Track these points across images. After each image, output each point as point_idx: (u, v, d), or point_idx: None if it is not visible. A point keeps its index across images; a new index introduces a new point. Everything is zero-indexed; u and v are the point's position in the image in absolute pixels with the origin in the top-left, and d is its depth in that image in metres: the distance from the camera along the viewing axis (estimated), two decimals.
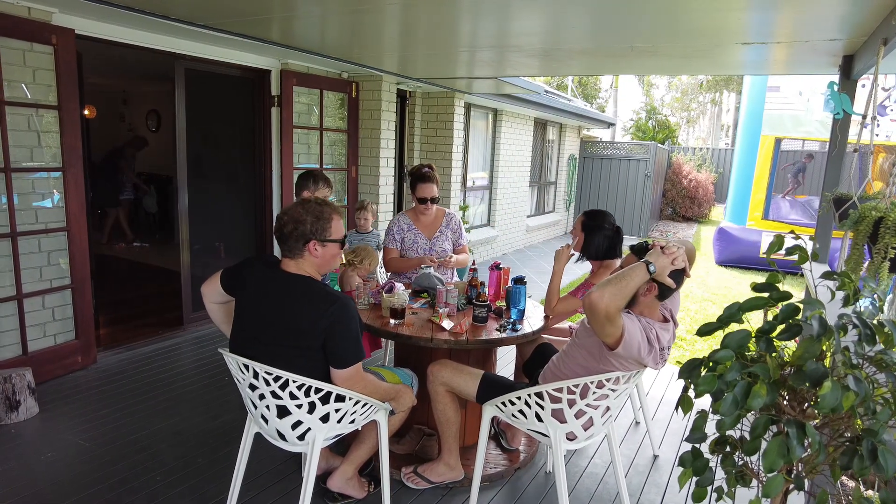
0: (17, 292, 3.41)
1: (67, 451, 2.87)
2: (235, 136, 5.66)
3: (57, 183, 3.59)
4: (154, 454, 2.86)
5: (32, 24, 3.35)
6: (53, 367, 3.59)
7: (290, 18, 3.63)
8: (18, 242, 3.38)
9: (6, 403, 3.06)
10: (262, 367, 1.93)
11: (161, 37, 4.16)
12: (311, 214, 1.98)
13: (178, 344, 4.40)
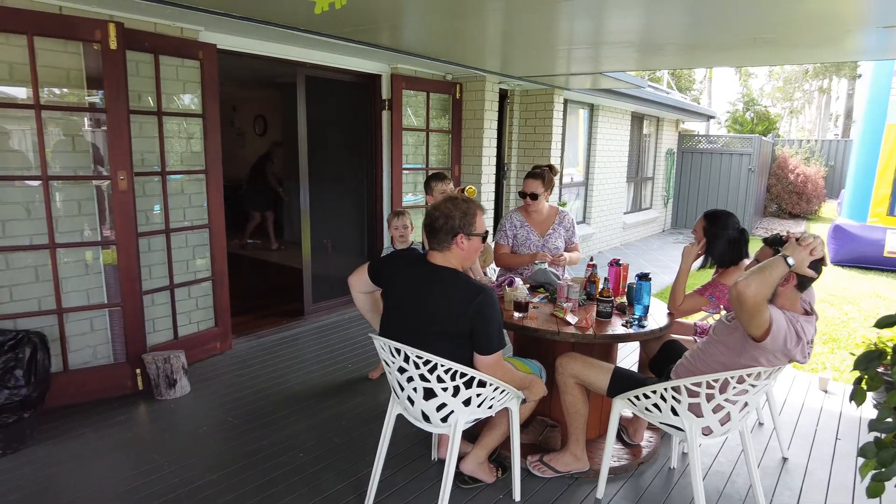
0: (170, 283, 3.80)
1: (218, 426, 3.18)
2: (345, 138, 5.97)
3: (200, 184, 3.96)
4: (293, 433, 3.11)
5: (184, 42, 3.72)
6: (197, 351, 3.96)
7: (399, 24, 3.82)
8: (171, 238, 3.77)
9: (166, 381, 3.43)
10: (414, 351, 2.08)
11: (286, 46, 4.48)
12: (459, 210, 2.11)
13: (300, 333, 4.72)
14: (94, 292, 3.46)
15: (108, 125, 3.24)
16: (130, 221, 3.36)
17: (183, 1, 3.17)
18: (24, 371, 2.78)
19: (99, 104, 3.32)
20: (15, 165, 3.15)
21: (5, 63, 3.05)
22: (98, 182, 3.39)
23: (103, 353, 3.54)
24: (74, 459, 2.84)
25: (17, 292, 3.19)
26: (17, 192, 3.16)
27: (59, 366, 3.28)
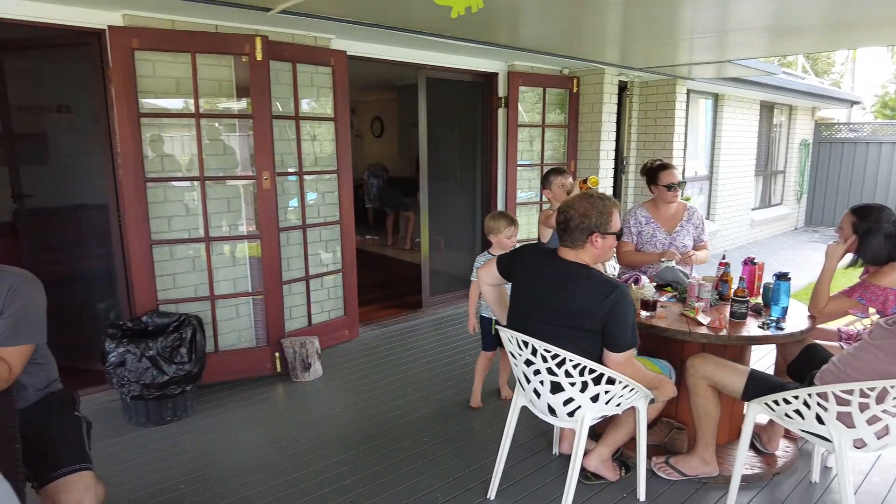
0: (306, 274, 4.12)
1: (349, 408, 3.41)
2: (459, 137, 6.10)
3: (333, 183, 4.24)
4: (418, 419, 3.26)
5: (318, 51, 4.00)
6: (328, 338, 4.25)
7: (518, 23, 3.84)
8: (307, 233, 4.07)
9: (302, 364, 3.72)
10: (542, 345, 2.12)
11: (408, 50, 4.66)
12: (595, 209, 2.12)
13: (418, 325, 4.91)
14: (240, 281, 3.84)
15: (254, 130, 3.57)
16: (273, 218, 3.67)
17: (320, 12, 3.42)
18: (187, 349, 3.15)
19: (246, 111, 3.66)
20: (178, 168, 3.56)
21: (173, 78, 3.46)
22: (245, 182, 3.74)
23: (247, 337, 3.91)
24: (225, 430, 3.18)
25: (179, 280, 3.61)
26: (179, 191, 3.58)
27: (211, 347, 3.67)
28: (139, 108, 3.32)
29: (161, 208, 3.51)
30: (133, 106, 3.28)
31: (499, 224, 3.19)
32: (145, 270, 3.41)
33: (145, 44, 3.30)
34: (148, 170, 3.41)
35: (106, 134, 3.43)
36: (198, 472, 2.76)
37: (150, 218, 3.41)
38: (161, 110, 3.47)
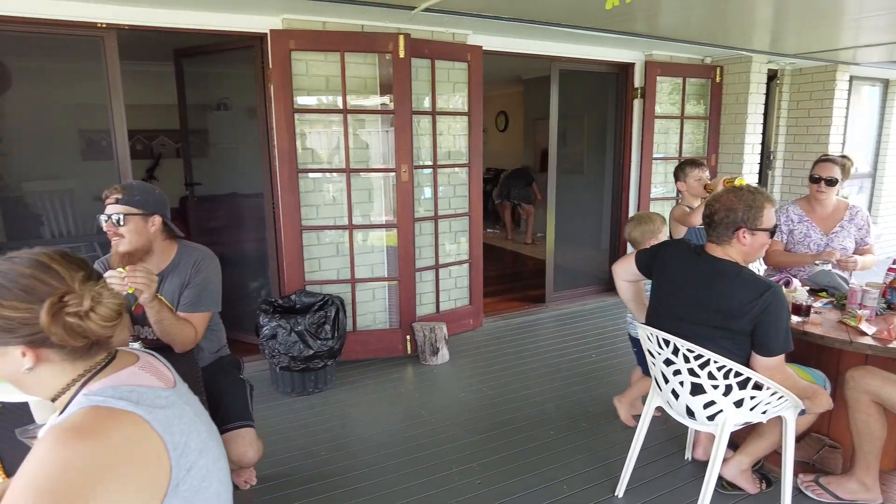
0: (436, 263, 4.27)
1: (475, 394, 3.50)
2: (589, 129, 5.98)
3: (464, 177, 4.35)
4: (543, 411, 3.28)
5: (455, 47, 4.11)
6: (454, 326, 4.38)
7: (657, 11, 3.67)
8: (438, 224, 4.22)
9: (431, 348, 3.88)
10: (684, 344, 2.05)
11: (542, 42, 4.64)
12: (743, 203, 2.00)
13: (542, 319, 4.90)
14: (377, 267, 4.07)
15: (395, 125, 3.75)
16: (409, 209, 3.85)
17: (460, 9, 3.51)
18: (330, 327, 3.41)
19: (388, 107, 3.86)
20: (326, 161, 3.85)
21: (324, 76, 3.73)
22: (385, 174, 3.95)
23: (381, 320, 4.14)
24: (362, 404, 3.41)
25: (324, 263, 3.90)
26: (327, 182, 3.86)
27: (349, 326, 3.93)
28: (294, 105, 3.62)
29: (310, 197, 3.81)
30: (289, 103, 3.58)
31: (655, 225, 2.88)
32: (295, 253, 3.73)
33: (300, 45, 3.59)
34: (300, 162, 3.71)
35: (264, 129, 3.79)
36: (337, 441, 2.99)
37: (301, 206, 3.72)
38: (312, 106, 3.76)
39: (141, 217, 2.00)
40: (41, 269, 0.97)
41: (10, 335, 0.94)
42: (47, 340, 0.95)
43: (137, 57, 5.66)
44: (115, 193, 1.96)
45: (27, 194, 5.69)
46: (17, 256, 0.99)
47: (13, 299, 0.94)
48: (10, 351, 0.96)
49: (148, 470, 0.93)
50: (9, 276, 0.95)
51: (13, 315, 0.93)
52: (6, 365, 0.97)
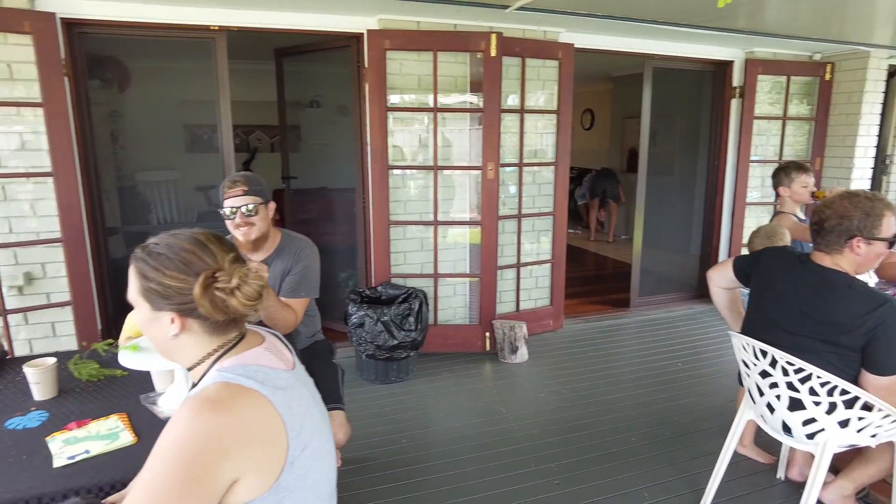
0: (517, 261, 4.28)
1: (554, 395, 3.48)
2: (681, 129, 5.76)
3: (549, 175, 4.33)
4: (625, 417, 3.22)
5: (547, 45, 4.09)
6: (533, 326, 4.36)
7: (762, 6, 3.48)
8: (522, 222, 4.22)
9: (510, 347, 3.89)
10: (784, 356, 1.95)
11: (634, 39, 4.52)
12: (859, 210, 1.88)
13: (625, 324, 4.79)
14: (459, 263, 4.13)
15: (483, 123, 3.79)
16: (493, 206, 3.88)
17: (554, 7, 3.50)
18: (414, 319, 3.50)
19: (477, 105, 3.90)
20: (415, 157, 3.94)
21: (416, 75, 3.82)
22: (471, 172, 4.00)
23: (461, 315, 4.20)
24: (441, 396, 3.48)
25: (409, 257, 4.01)
26: (415, 178, 3.96)
27: (431, 320, 4.01)
28: (387, 103, 3.73)
29: (398, 193, 3.92)
30: (382, 101, 3.70)
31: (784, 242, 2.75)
32: (383, 247, 3.85)
33: (395, 44, 3.69)
34: (390, 158, 3.82)
35: (358, 126, 3.93)
36: (417, 430, 3.07)
37: (389, 201, 3.84)
38: (404, 105, 3.86)
39: (264, 205, 2.14)
40: (199, 247, 1.08)
41: (165, 301, 1.06)
42: (194, 311, 1.06)
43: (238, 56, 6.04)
44: (240, 185, 2.09)
45: (139, 184, 6.20)
46: (179, 233, 1.11)
47: (174, 270, 1.06)
48: (162, 316, 1.08)
49: (269, 446, 1.01)
50: (172, 248, 1.08)
51: (171, 284, 1.05)
52: (156, 329, 1.10)
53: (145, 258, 1.08)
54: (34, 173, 3.23)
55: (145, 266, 1.07)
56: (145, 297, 1.08)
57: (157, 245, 1.09)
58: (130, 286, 1.10)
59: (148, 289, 1.07)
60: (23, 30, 3.00)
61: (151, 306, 1.08)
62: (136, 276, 1.09)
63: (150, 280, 1.07)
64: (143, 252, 1.09)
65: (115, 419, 1.62)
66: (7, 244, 3.20)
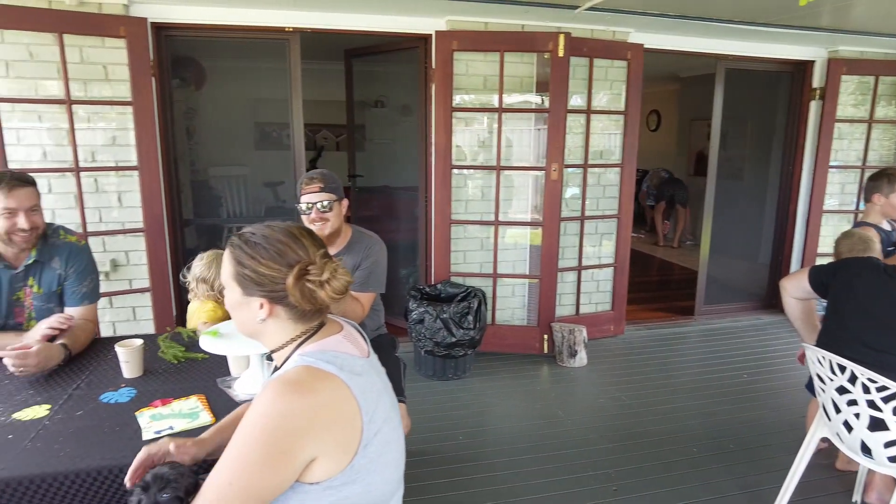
0: (579, 264, 4.24)
1: (612, 401, 3.43)
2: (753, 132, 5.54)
3: (615, 177, 4.26)
4: (686, 427, 3.13)
5: (615, 45, 4.03)
6: (593, 330, 4.30)
7: (847, 3, 3.30)
8: (584, 224, 4.18)
9: (568, 350, 3.86)
10: (865, 373, 1.86)
11: (706, 39, 4.38)
12: None
13: (689, 332, 4.66)
14: (518, 264, 4.13)
15: (548, 123, 3.77)
16: (556, 208, 3.85)
17: (625, 7, 3.44)
18: (473, 317, 3.53)
19: (542, 105, 3.88)
20: (478, 157, 3.97)
21: (482, 75, 3.85)
22: (534, 172, 3.99)
23: (519, 316, 4.19)
24: (498, 395, 3.49)
25: (468, 256, 4.04)
26: (477, 178, 3.98)
27: (488, 319, 4.03)
28: (452, 103, 3.77)
29: (460, 192, 3.96)
30: (448, 101, 3.74)
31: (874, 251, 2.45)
32: (443, 245, 3.89)
33: (462, 45, 3.73)
34: (454, 158, 3.86)
35: (423, 126, 4.00)
36: (474, 428, 3.10)
37: (451, 200, 3.88)
38: (469, 105, 3.89)
39: (338, 202, 2.23)
40: (293, 240, 1.15)
41: (257, 287, 1.13)
42: (284, 299, 1.13)
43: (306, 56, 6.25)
44: (317, 182, 2.19)
45: (211, 178, 6.51)
46: (275, 225, 1.18)
47: (269, 259, 1.12)
48: (252, 301, 1.15)
49: (346, 428, 1.06)
50: (268, 239, 1.14)
51: (265, 272, 1.12)
52: (245, 312, 1.17)
53: (242, 246, 1.14)
54: (122, 167, 3.45)
55: (242, 253, 1.14)
56: (238, 282, 1.15)
57: (253, 234, 1.15)
58: (224, 270, 1.18)
59: (242, 274, 1.14)
60: (118, 34, 3.21)
61: (243, 291, 1.15)
62: (231, 262, 1.16)
63: (245, 267, 1.13)
64: (239, 240, 1.16)
65: (195, 400, 1.72)
66: (97, 233, 3.44)
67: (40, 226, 2.04)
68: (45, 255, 2.11)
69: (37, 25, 3.09)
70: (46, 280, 2.14)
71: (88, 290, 2.21)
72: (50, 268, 2.13)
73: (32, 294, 2.14)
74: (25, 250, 2.06)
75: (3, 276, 2.07)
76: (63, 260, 2.15)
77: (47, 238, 2.13)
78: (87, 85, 3.32)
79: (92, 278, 2.24)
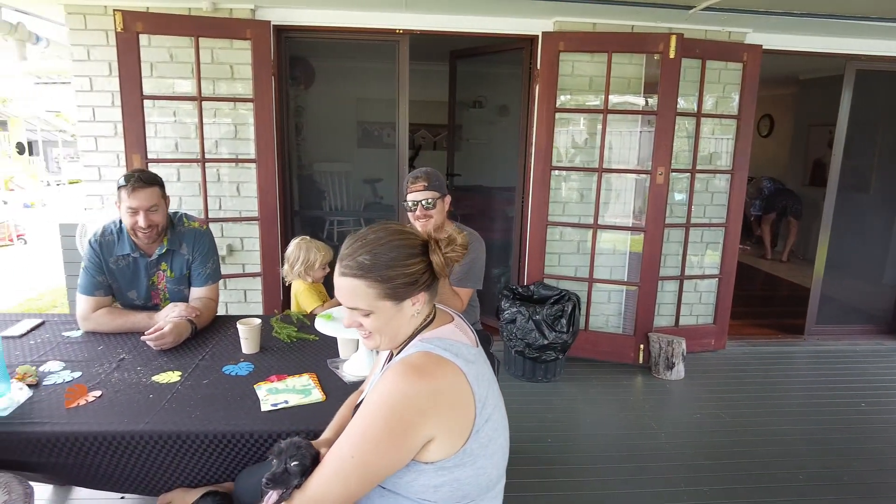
0: (681, 273, 4.07)
1: (711, 418, 3.28)
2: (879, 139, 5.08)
3: (725, 183, 4.06)
4: (791, 452, 2.93)
5: (730, 46, 3.84)
6: (692, 343, 4.11)
7: None
8: (689, 232, 4.01)
9: (665, 362, 3.73)
10: None
11: (836, 39, 4.07)
12: None
13: (796, 352, 4.35)
14: (616, 270, 4.04)
15: (656, 126, 3.66)
16: (661, 213, 3.72)
17: (743, 6, 3.27)
18: (566, 321, 3.49)
19: (650, 107, 3.77)
20: (579, 159, 3.92)
21: (587, 76, 3.80)
22: (638, 176, 3.88)
23: (614, 323, 4.10)
24: (589, 402, 3.44)
25: (563, 259, 4.00)
26: (577, 180, 3.94)
27: (581, 324, 3.96)
28: (556, 104, 3.75)
29: (558, 194, 3.93)
30: (552, 102, 3.72)
31: None
32: (538, 247, 3.88)
33: (569, 46, 3.69)
34: (554, 159, 3.84)
35: (524, 127, 4.00)
36: (562, 432, 3.07)
37: (549, 202, 3.85)
38: (573, 106, 3.85)
39: (441, 199, 2.30)
40: (401, 233, 1.20)
41: (413, 287, 1.17)
42: (427, 283, 1.19)
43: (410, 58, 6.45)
44: (422, 181, 2.28)
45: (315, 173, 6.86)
46: (377, 231, 1.19)
47: (406, 258, 1.16)
48: (405, 304, 1.17)
49: (461, 413, 1.11)
50: (392, 244, 1.16)
51: (415, 269, 1.16)
52: (397, 319, 1.18)
53: (374, 266, 1.14)
54: (241, 159, 3.72)
55: (377, 273, 1.14)
56: (388, 298, 1.15)
57: (373, 253, 1.15)
58: (360, 300, 1.16)
59: (392, 288, 1.15)
60: (245, 36, 3.46)
61: (394, 302, 1.16)
62: (369, 287, 1.15)
63: (392, 280, 1.14)
64: (365, 265, 1.14)
65: (307, 377, 1.84)
66: (216, 219, 3.72)
67: (159, 223, 2.24)
68: (174, 243, 2.33)
69: (178, 30, 3.39)
70: (177, 265, 2.36)
71: (211, 271, 2.41)
72: (179, 254, 2.35)
73: (166, 278, 2.36)
74: (156, 241, 2.28)
75: (140, 264, 2.31)
76: (189, 245, 2.36)
77: (174, 226, 2.35)
78: (215, 83, 3.61)
79: (214, 260, 2.44)
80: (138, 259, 2.30)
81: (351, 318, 1.21)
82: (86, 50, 3.48)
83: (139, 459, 1.56)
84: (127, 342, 2.12)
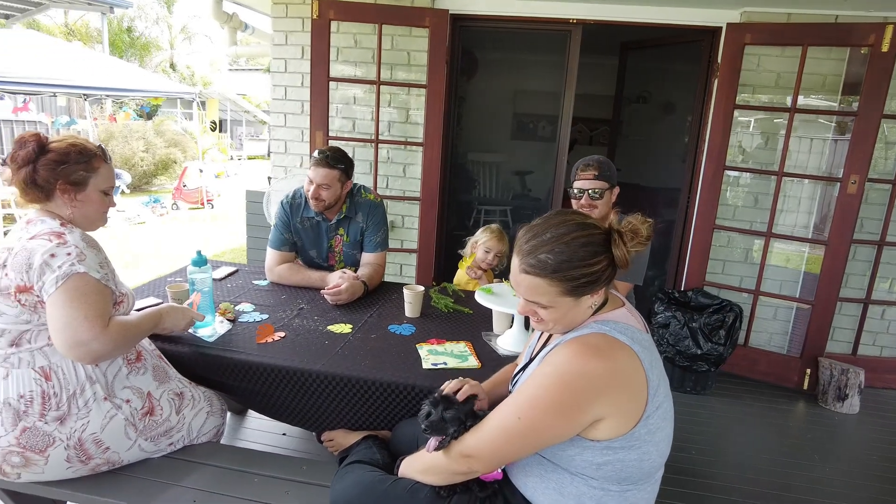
0: (866, 297, 3.61)
1: (889, 462, 2.89)
2: None
3: None
4: None
5: None
6: (872, 377, 3.64)
7: None
8: (882, 251, 3.54)
9: (836, 392, 3.34)
10: None
11: None
12: None
13: None
14: (787, 285, 3.69)
15: (854, 129, 3.26)
16: (849, 226, 3.33)
17: None
18: (725, 333, 3.27)
19: (848, 108, 3.38)
20: (757, 160, 3.63)
21: (775, 72, 3.49)
22: (825, 184, 3.50)
23: (777, 342, 3.75)
24: (739, 421, 3.20)
25: (728, 267, 3.74)
26: (752, 183, 3.65)
27: (741, 339, 3.68)
28: (735, 101, 3.49)
29: (729, 197, 3.67)
30: (731, 98, 3.47)
31: None
32: (701, 251, 3.65)
33: (756, 39, 3.41)
34: (728, 159, 3.58)
35: (696, 124, 3.78)
36: (709, 447, 2.89)
37: (718, 205, 3.61)
38: (755, 103, 3.57)
39: (609, 190, 2.29)
40: (583, 227, 1.16)
41: (595, 285, 1.16)
42: (609, 279, 1.17)
43: None
44: (591, 170, 2.27)
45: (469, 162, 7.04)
46: (558, 226, 1.16)
47: (590, 257, 1.14)
48: (583, 300, 1.17)
49: (633, 396, 1.11)
50: (576, 241, 1.14)
51: (597, 268, 1.14)
52: (574, 312, 1.19)
53: (557, 268, 1.13)
54: (410, 142, 3.93)
55: (561, 273, 1.13)
56: (570, 294, 1.15)
57: (556, 252, 1.13)
58: (540, 297, 1.16)
59: (575, 286, 1.14)
60: (423, 24, 3.64)
61: (574, 298, 1.16)
62: (551, 286, 1.14)
63: (576, 279, 1.13)
64: (548, 265, 1.13)
65: (464, 345, 1.93)
66: (383, 196, 3.97)
67: (326, 200, 2.44)
68: (351, 211, 2.56)
69: (363, 17, 3.67)
70: (353, 231, 2.59)
71: (381, 239, 2.61)
72: (355, 221, 2.58)
73: (342, 242, 2.60)
74: (331, 210, 2.51)
75: (322, 227, 2.57)
76: (364, 214, 2.58)
77: (353, 196, 2.57)
78: (392, 69, 3.86)
79: (384, 230, 2.64)
80: (320, 222, 2.56)
81: (527, 307, 1.21)
82: (284, 35, 3.89)
83: (313, 396, 1.75)
84: (305, 294, 2.37)
